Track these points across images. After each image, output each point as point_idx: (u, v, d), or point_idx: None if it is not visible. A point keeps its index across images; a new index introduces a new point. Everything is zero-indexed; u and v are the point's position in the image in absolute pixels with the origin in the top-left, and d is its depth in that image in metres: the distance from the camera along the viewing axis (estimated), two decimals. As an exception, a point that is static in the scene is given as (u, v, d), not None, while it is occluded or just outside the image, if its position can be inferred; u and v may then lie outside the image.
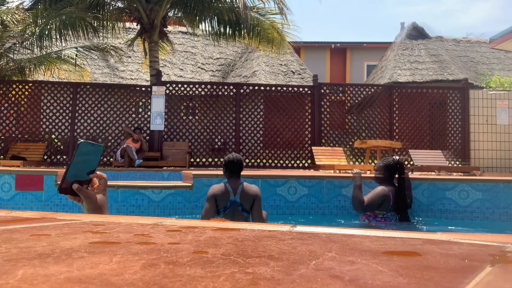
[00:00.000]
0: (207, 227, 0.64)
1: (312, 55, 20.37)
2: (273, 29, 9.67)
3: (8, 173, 4.60)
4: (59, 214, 0.75)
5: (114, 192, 4.24)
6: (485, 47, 16.23)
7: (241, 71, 14.75)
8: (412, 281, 0.35)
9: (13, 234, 0.55)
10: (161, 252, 0.45)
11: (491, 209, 4.56)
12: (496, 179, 4.68)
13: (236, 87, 9.48)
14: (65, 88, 9.22)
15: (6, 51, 9.90)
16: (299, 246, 0.50)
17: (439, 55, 14.92)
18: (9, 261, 0.40)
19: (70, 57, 10.42)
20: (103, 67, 14.66)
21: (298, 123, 9.47)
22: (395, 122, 9.51)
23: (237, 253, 0.45)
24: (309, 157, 9.24)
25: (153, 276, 0.35)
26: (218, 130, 9.31)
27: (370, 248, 0.50)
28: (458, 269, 0.40)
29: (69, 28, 8.71)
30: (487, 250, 0.50)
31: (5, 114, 9.03)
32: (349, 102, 9.89)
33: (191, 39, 16.21)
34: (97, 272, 0.36)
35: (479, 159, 9.26)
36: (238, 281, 0.34)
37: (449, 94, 9.59)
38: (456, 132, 9.44)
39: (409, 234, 0.60)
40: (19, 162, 7.72)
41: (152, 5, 8.95)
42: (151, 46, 9.26)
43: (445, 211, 4.63)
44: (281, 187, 4.77)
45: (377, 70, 16.49)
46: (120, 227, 0.62)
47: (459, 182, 4.68)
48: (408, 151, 8.68)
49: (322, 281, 0.35)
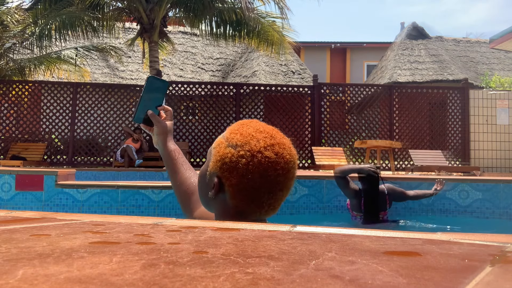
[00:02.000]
0: (207, 227, 0.64)
1: (312, 55, 20.37)
2: (273, 30, 9.66)
3: (8, 173, 4.59)
4: (59, 214, 0.75)
5: (114, 192, 4.24)
6: (485, 47, 16.22)
7: (241, 71, 14.75)
8: (412, 281, 0.35)
9: (13, 234, 0.55)
10: (161, 252, 0.45)
11: (491, 209, 4.56)
12: (496, 179, 4.68)
13: (236, 87, 9.48)
14: (65, 88, 9.22)
15: (6, 51, 9.90)
16: (299, 246, 0.50)
17: (439, 55, 14.92)
18: (9, 261, 0.40)
19: (70, 57, 10.42)
20: (103, 67, 14.66)
21: (298, 123, 9.47)
22: (395, 122, 9.50)
23: (237, 253, 0.45)
24: (309, 157, 9.24)
25: (153, 276, 0.35)
26: (218, 130, 9.31)
27: (370, 248, 0.50)
28: (458, 269, 0.40)
29: (69, 28, 8.70)
30: (487, 250, 0.50)
31: (5, 114, 9.03)
32: (349, 102, 9.89)
33: (191, 39, 16.21)
34: (97, 272, 0.36)
35: (479, 159, 9.26)
36: (238, 281, 0.34)
37: (449, 94, 9.58)
38: (456, 132, 9.43)
39: (409, 234, 0.60)
40: (19, 162, 7.72)
41: (152, 5, 8.95)
42: (151, 46, 9.26)
43: (445, 211, 4.64)
44: (281, 187, 4.76)
45: (377, 70, 16.49)
46: (120, 227, 0.62)
47: (459, 182, 4.68)
48: (408, 151, 8.68)
49: (322, 281, 0.35)
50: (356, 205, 4.20)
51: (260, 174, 0.89)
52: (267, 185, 0.90)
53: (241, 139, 0.92)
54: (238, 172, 0.89)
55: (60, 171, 4.68)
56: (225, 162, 0.90)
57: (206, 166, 0.98)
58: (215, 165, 0.92)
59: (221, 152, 0.92)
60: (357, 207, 4.19)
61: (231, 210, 0.93)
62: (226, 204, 0.93)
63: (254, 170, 0.88)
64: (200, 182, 1.01)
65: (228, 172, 0.90)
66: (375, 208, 4.14)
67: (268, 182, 0.89)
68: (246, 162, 0.88)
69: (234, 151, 0.90)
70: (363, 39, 49.96)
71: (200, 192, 1.02)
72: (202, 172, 1.00)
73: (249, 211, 0.93)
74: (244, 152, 0.90)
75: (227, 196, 0.92)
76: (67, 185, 4.29)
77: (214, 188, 0.92)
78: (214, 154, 0.94)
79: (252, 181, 0.89)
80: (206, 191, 0.96)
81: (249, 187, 0.89)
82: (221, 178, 0.91)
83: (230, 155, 0.90)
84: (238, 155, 0.90)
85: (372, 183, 4.13)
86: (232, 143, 0.92)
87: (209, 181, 0.95)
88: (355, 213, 4.23)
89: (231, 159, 0.90)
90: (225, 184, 0.91)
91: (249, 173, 0.88)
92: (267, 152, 0.90)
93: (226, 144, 0.93)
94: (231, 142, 0.92)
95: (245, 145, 0.90)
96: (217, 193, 0.92)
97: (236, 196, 0.90)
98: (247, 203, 0.91)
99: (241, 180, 0.89)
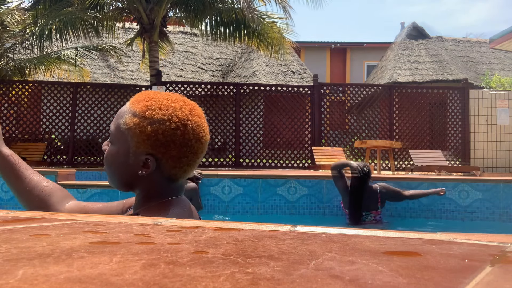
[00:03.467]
0: (207, 227, 0.64)
1: (312, 55, 20.37)
2: (273, 31, 9.65)
3: (8, 173, 4.59)
4: (59, 214, 0.75)
5: (114, 192, 4.24)
6: (485, 47, 16.22)
7: (241, 71, 14.75)
8: (412, 281, 0.35)
9: (13, 234, 0.55)
10: (161, 252, 0.45)
11: (491, 209, 4.56)
12: (496, 179, 4.68)
13: (236, 87, 9.48)
14: (65, 88, 9.22)
15: (6, 51, 9.90)
16: (299, 246, 0.50)
17: (439, 55, 14.91)
18: (9, 261, 0.40)
19: (70, 57, 10.42)
20: (103, 67, 14.66)
21: (298, 123, 9.47)
22: (395, 122, 9.50)
23: (237, 253, 0.45)
24: (309, 157, 9.24)
25: (153, 276, 0.35)
26: (218, 130, 9.31)
27: (370, 248, 0.50)
28: (458, 269, 0.40)
29: (69, 28, 8.70)
30: (487, 250, 0.50)
31: (5, 114, 9.02)
32: (349, 102, 9.89)
33: (191, 39, 16.21)
34: (97, 272, 0.36)
35: (479, 159, 9.26)
36: (238, 281, 0.34)
37: (449, 94, 9.58)
38: (456, 132, 9.43)
39: (409, 234, 0.60)
40: (19, 162, 7.71)
41: (152, 5, 8.95)
42: (151, 46, 9.25)
43: (445, 211, 4.64)
44: (281, 187, 4.77)
45: (377, 70, 16.48)
46: (120, 227, 0.62)
47: (459, 182, 4.68)
48: (408, 151, 8.68)
49: (322, 281, 0.35)
50: (345, 202, 4.28)
51: (196, 139, 0.95)
52: (202, 147, 0.98)
53: (165, 113, 0.94)
54: (176, 144, 0.93)
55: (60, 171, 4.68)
56: (158, 139, 0.93)
57: (122, 148, 0.96)
58: (144, 145, 0.93)
59: (148, 131, 0.92)
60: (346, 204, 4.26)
61: (163, 181, 0.97)
62: (159, 177, 0.96)
63: (190, 137, 0.95)
64: (118, 166, 0.98)
65: (164, 147, 0.93)
66: (358, 207, 4.14)
67: (202, 143, 0.98)
68: (182, 132, 0.93)
69: (165, 126, 0.93)
70: (363, 39, 49.95)
71: (118, 177, 1.00)
72: (117, 156, 0.98)
73: (184, 175, 0.99)
74: (175, 124, 0.93)
75: (164, 169, 0.95)
76: (67, 185, 4.29)
77: (145, 166, 0.94)
78: (136, 135, 0.93)
79: (191, 148, 0.95)
80: (130, 172, 0.96)
81: (189, 154, 0.95)
82: (155, 154, 0.93)
83: (161, 131, 0.92)
84: (171, 128, 0.93)
85: (360, 181, 4.13)
86: (157, 119, 0.93)
87: (135, 161, 0.95)
88: (346, 210, 4.27)
89: (164, 134, 0.92)
90: (162, 159, 0.94)
91: (187, 141, 0.94)
92: (194, 118, 0.97)
93: (148, 122, 0.93)
94: (155, 118, 0.93)
95: (173, 117, 0.94)
96: (150, 170, 0.95)
97: (177, 165, 0.95)
98: (185, 170, 0.97)
99: (181, 149, 0.94)
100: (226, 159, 9.38)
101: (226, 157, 9.46)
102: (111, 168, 1.00)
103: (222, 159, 9.43)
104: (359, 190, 4.09)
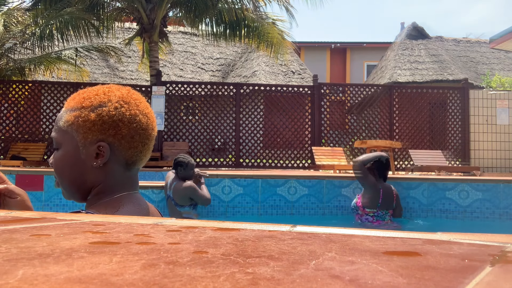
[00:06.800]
0: (207, 227, 0.64)
1: (312, 55, 20.37)
2: (273, 31, 9.65)
3: (8, 173, 4.59)
4: (59, 214, 0.75)
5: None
6: (485, 47, 16.22)
7: (241, 71, 14.75)
8: (412, 281, 0.35)
9: (13, 234, 0.55)
10: (161, 252, 0.45)
11: (491, 209, 4.56)
12: (496, 179, 4.69)
13: (236, 87, 9.48)
14: (65, 88, 9.22)
15: (6, 52, 9.90)
16: (299, 246, 0.50)
17: (439, 55, 14.91)
18: (9, 261, 0.40)
19: (69, 57, 10.42)
20: (103, 67, 14.66)
21: (298, 123, 9.47)
22: (395, 122, 9.50)
23: (237, 253, 0.45)
24: (309, 157, 9.24)
25: (153, 276, 0.35)
26: (218, 130, 9.31)
27: (370, 248, 0.50)
28: (458, 269, 0.40)
29: (70, 28, 8.70)
30: (487, 250, 0.50)
31: (5, 114, 9.02)
32: (349, 102, 9.89)
33: (191, 39, 16.21)
34: (97, 272, 0.36)
35: (479, 159, 9.25)
36: (238, 281, 0.34)
37: (449, 94, 9.58)
38: (456, 132, 9.43)
39: (409, 234, 0.60)
40: (19, 162, 7.72)
41: (152, 5, 8.95)
42: (151, 46, 9.26)
43: (445, 211, 4.63)
44: (281, 187, 4.77)
45: (377, 70, 16.48)
46: (120, 227, 0.62)
47: (459, 182, 4.69)
48: (408, 151, 8.68)
49: (322, 281, 0.35)
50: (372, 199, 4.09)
51: (142, 114, 0.94)
52: (150, 122, 0.96)
53: (103, 97, 0.93)
54: (124, 122, 0.91)
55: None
56: (105, 121, 0.90)
57: (69, 147, 0.91)
58: (91, 133, 0.89)
59: (92, 117, 0.89)
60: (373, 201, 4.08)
61: (120, 169, 0.94)
62: (116, 165, 0.93)
63: (136, 113, 0.93)
64: (70, 167, 0.92)
65: (113, 129, 0.90)
66: (391, 197, 4.13)
67: (149, 118, 0.96)
68: (126, 109, 0.92)
69: (107, 107, 0.91)
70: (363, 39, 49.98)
71: (73, 181, 0.93)
72: (67, 157, 0.92)
73: (140, 158, 0.96)
74: (117, 103, 0.92)
75: (119, 152, 0.92)
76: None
77: (99, 155, 0.90)
78: (80, 126, 0.90)
79: (140, 123, 0.93)
80: (85, 168, 0.92)
81: (139, 129, 0.93)
82: (106, 139, 0.90)
83: (105, 113, 0.90)
84: (114, 107, 0.91)
85: (388, 167, 4.15)
86: (97, 104, 0.91)
87: (87, 153, 0.91)
88: (368, 210, 4.11)
89: (109, 115, 0.90)
90: (115, 142, 0.91)
91: (134, 117, 0.92)
92: (134, 95, 0.96)
93: (89, 110, 0.90)
94: (95, 104, 0.91)
95: (112, 98, 0.92)
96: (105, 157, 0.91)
97: (131, 144, 0.92)
98: (140, 150, 0.94)
99: (131, 126, 0.91)
100: (226, 159, 9.38)
101: (226, 157, 9.46)
102: (64, 174, 0.93)
103: (222, 159, 9.43)
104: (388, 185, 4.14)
